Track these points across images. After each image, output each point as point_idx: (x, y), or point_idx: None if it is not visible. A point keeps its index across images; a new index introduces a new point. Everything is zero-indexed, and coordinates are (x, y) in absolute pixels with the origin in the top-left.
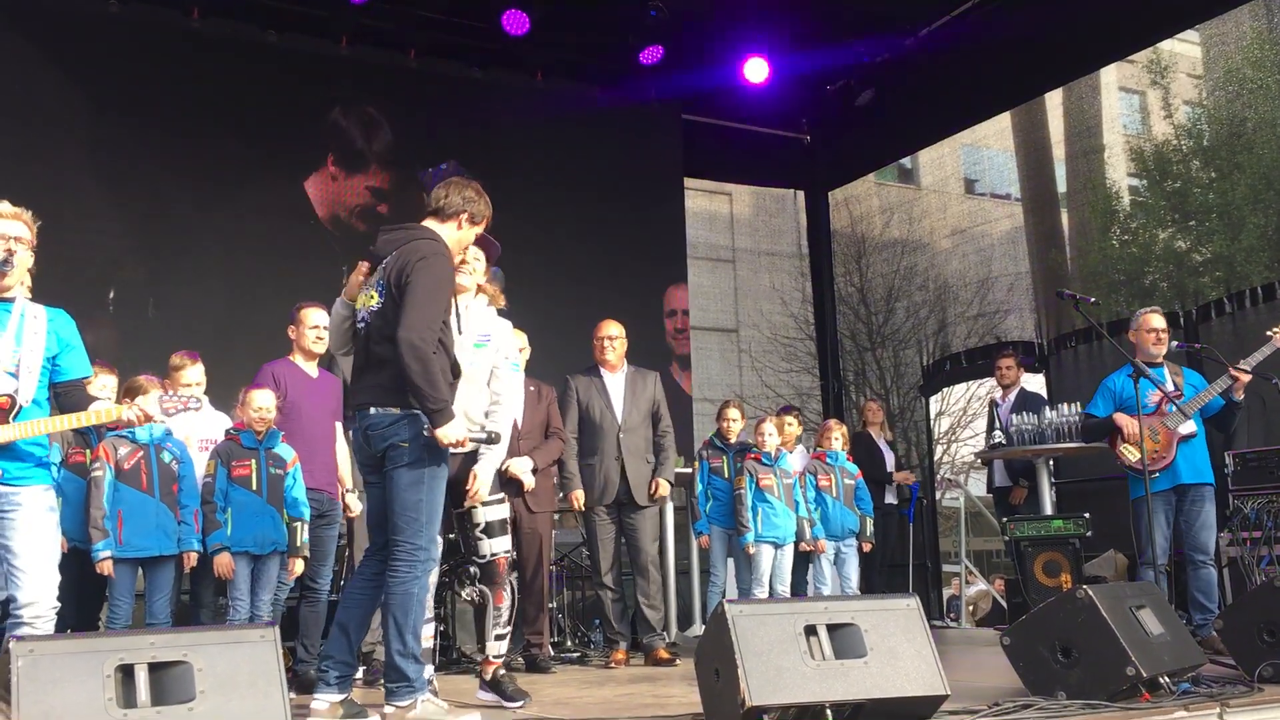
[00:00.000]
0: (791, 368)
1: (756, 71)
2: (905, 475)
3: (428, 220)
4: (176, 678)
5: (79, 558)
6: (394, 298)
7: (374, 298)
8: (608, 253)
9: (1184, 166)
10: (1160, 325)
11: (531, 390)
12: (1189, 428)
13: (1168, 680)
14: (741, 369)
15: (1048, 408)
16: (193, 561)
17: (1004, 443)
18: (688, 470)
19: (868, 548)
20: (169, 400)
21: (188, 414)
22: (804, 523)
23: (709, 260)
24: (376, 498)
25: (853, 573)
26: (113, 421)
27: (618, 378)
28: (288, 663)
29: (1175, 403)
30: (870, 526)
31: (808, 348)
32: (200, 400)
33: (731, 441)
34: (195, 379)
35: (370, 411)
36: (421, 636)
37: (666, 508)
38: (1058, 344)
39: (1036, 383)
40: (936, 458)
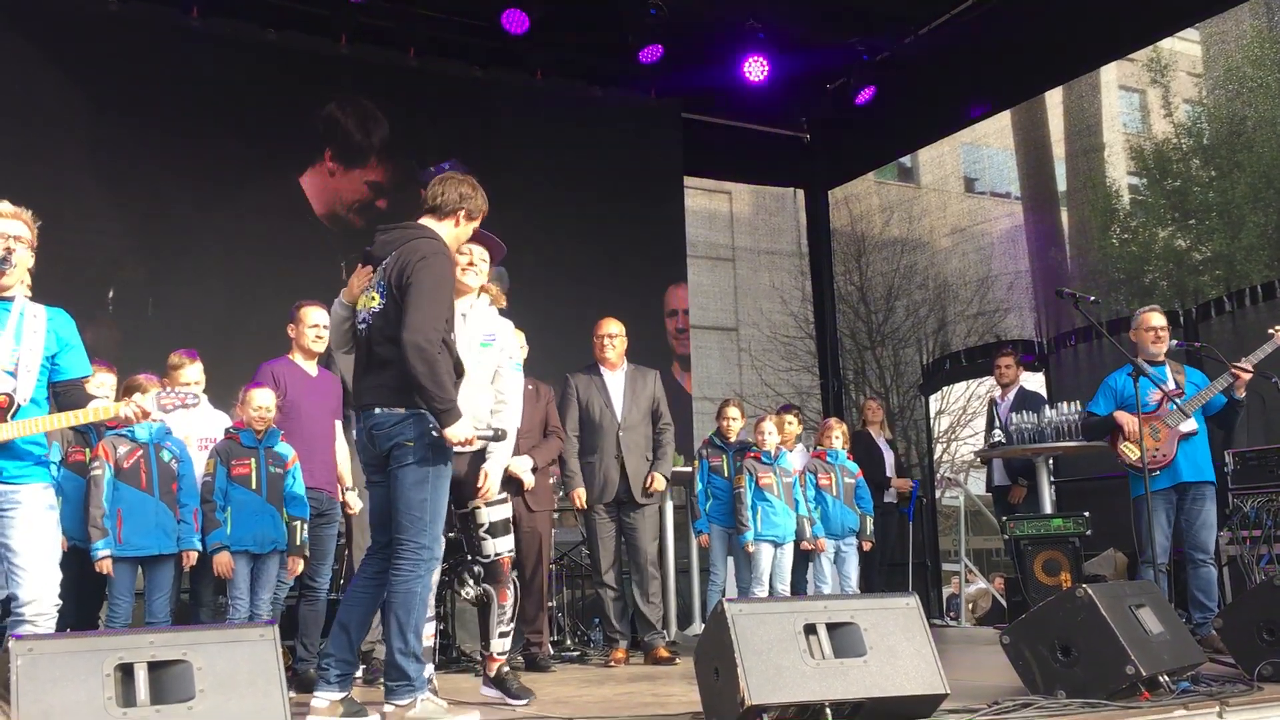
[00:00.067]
0: (791, 366)
1: (756, 70)
2: (903, 483)
3: (424, 218)
4: (176, 677)
5: (78, 556)
6: (395, 298)
7: (375, 299)
8: (607, 251)
9: (1184, 165)
10: (1159, 323)
11: (529, 389)
12: (1190, 426)
13: (1167, 679)
14: (741, 368)
15: (1047, 406)
16: (192, 560)
17: (1003, 441)
18: (687, 469)
19: (868, 546)
20: (166, 397)
21: (186, 412)
22: (804, 521)
23: (709, 259)
24: (380, 496)
25: (853, 571)
26: (110, 419)
27: (617, 376)
28: (287, 662)
29: (1175, 401)
30: (870, 525)
31: (807, 346)
32: (197, 397)
33: (731, 440)
34: (194, 378)
35: (375, 412)
36: (423, 635)
37: (666, 506)
38: (1057, 343)
39: (1036, 381)
40: (936, 456)
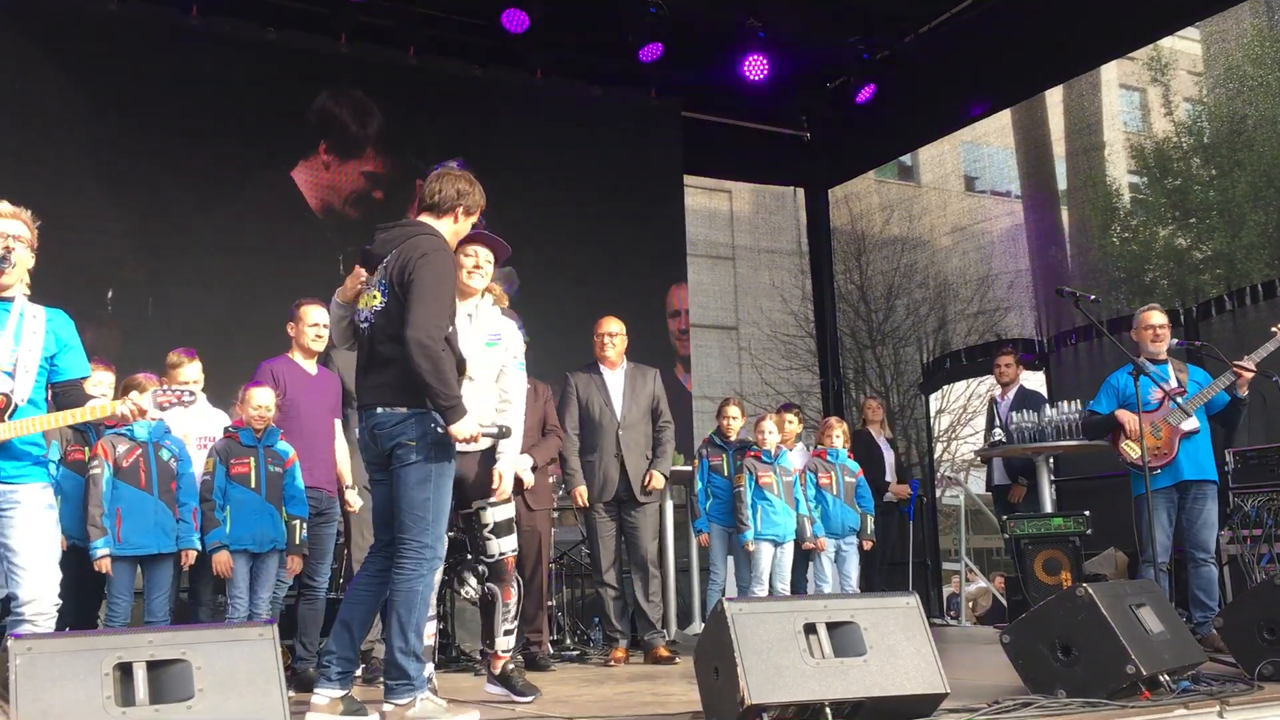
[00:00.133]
0: (791, 365)
1: (756, 69)
2: (902, 489)
3: (423, 215)
4: (175, 676)
5: (78, 555)
6: (397, 296)
7: (376, 298)
8: (608, 250)
9: (1184, 164)
10: (1159, 322)
11: (528, 388)
12: (1191, 424)
13: (1167, 678)
14: (741, 366)
15: (1047, 405)
16: (191, 559)
17: (1004, 440)
18: (688, 468)
19: (868, 546)
20: (163, 394)
21: (185, 410)
22: (804, 521)
23: (709, 258)
24: (382, 495)
25: (853, 571)
26: (108, 417)
27: (617, 374)
28: (286, 661)
29: (1176, 400)
30: (871, 524)
31: (808, 345)
32: (194, 395)
33: (731, 439)
34: (193, 376)
35: (377, 411)
36: (424, 635)
37: (666, 505)
38: (1058, 341)
39: (1036, 380)
40: (936, 455)
